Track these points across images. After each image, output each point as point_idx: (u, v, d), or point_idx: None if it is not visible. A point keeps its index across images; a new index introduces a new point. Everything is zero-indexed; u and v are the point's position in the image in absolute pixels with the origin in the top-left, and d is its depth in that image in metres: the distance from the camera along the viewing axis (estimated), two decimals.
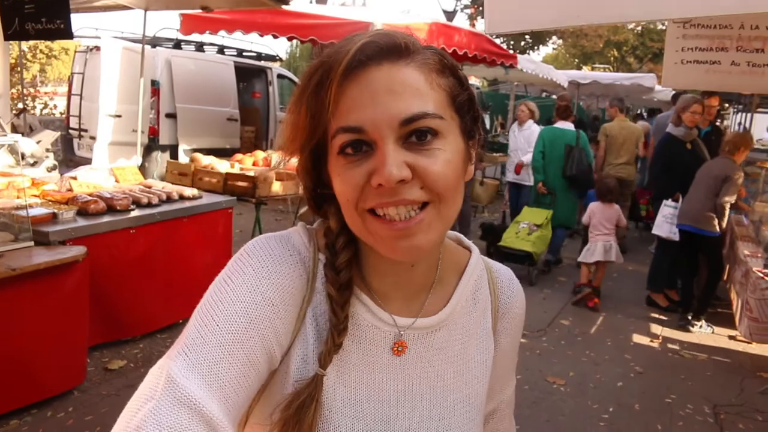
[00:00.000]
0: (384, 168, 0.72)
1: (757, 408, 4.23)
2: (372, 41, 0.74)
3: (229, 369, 0.74)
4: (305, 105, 0.76)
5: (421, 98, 0.74)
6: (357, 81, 0.73)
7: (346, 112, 0.74)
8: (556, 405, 4.08)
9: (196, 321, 0.78)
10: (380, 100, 0.73)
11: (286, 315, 0.80)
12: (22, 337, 3.33)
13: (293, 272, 0.82)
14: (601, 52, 29.69)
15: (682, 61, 5.76)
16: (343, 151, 0.75)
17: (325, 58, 0.76)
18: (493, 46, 9.18)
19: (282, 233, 0.86)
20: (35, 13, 4.77)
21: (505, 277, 1.02)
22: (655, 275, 6.34)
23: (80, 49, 9.67)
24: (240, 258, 0.82)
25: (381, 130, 0.73)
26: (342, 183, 0.77)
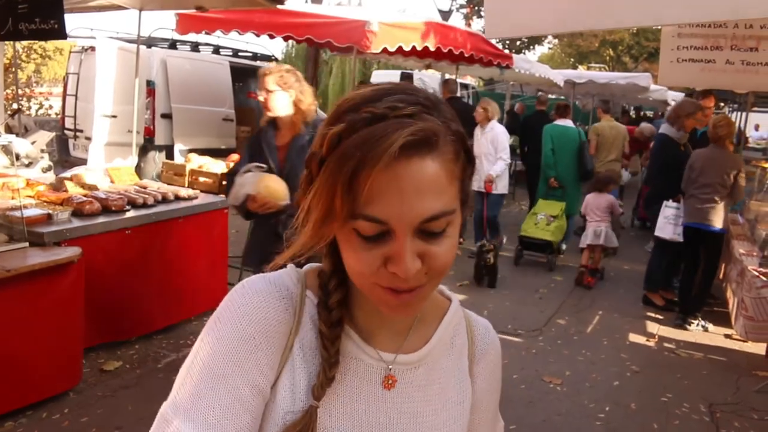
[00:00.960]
0: (403, 263, 0.75)
1: (753, 406, 4.24)
2: (410, 140, 0.73)
3: (213, 404, 0.80)
4: (340, 194, 0.75)
5: (442, 196, 0.77)
6: (389, 177, 0.74)
7: (371, 202, 0.74)
8: (552, 404, 4.09)
9: (190, 357, 0.85)
10: (407, 198, 0.74)
11: (268, 347, 0.84)
12: (17, 339, 3.32)
13: (276, 306, 0.86)
14: (597, 51, 29.75)
15: (678, 59, 5.77)
16: (359, 233, 0.77)
17: (361, 143, 0.74)
18: (488, 45, 9.18)
19: (272, 273, 0.91)
20: (29, 13, 4.75)
21: (482, 326, 1.07)
22: (653, 275, 6.35)
23: (75, 50, 9.64)
24: (228, 297, 0.88)
25: (403, 226, 0.75)
26: (356, 260, 0.79)
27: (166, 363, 4.20)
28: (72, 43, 10.04)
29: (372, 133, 0.74)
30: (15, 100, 9.14)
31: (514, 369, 4.54)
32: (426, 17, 8.24)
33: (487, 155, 7.25)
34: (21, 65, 11.90)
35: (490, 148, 7.26)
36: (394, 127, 0.74)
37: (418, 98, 0.79)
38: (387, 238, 0.76)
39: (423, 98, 0.80)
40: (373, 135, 0.74)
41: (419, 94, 0.80)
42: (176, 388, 0.84)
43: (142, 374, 4.04)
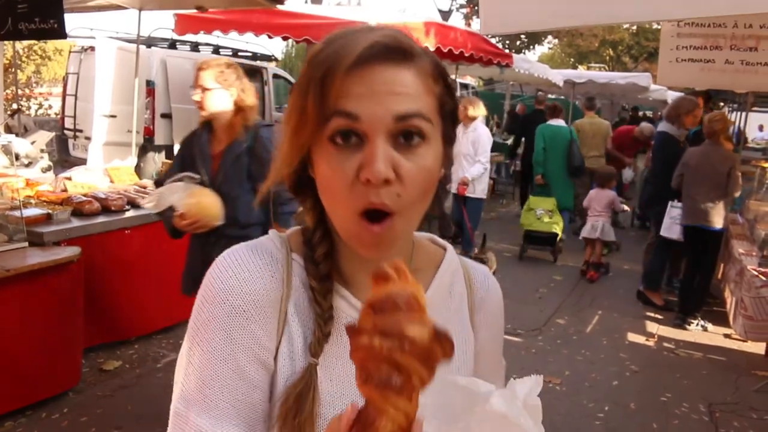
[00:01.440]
0: (374, 164, 0.74)
1: (752, 406, 4.24)
2: (380, 42, 0.76)
3: (220, 388, 0.80)
4: (312, 94, 0.77)
5: (417, 100, 0.77)
6: (361, 77, 0.75)
7: (344, 99, 0.75)
8: (551, 404, 4.08)
9: (186, 345, 0.83)
10: (379, 97, 0.75)
11: (262, 318, 0.82)
12: (16, 338, 3.32)
13: (263, 274, 0.84)
14: (597, 51, 29.73)
15: (677, 59, 5.77)
16: (333, 139, 0.76)
17: (333, 51, 0.77)
18: (488, 45, 9.18)
19: (252, 242, 0.88)
20: (28, 13, 4.75)
21: (480, 274, 1.05)
22: (653, 274, 6.34)
23: (75, 50, 9.65)
24: (211, 272, 0.84)
25: (375, 123, 0.75)
26: (330, 170, 0.77)
27: (166, 363, 4.20)
28: (72, 43, 10.05)
29: (347, 40, 0.77)
30: (15, 100, 9.14)
31: (513, 369, 4.50)
32: (426, 17, 8.24)
33: (466, 156, 6.81)
34: (21, 65, 11.90)
35: (470, 149, 6.79)
36: (362, 38, 0.77)
37: (400, 31, 0.82)
38: (360, 146, 0.76)
39: (404, 34, 0.82)
40: (348, 41, 0.77)
41: (403, 32, 0.82)
42: (181, 380, 0.83)
43: (141, 374, 4.04)
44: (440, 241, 1.01)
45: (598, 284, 6.99)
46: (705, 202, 5.43)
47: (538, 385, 0.81)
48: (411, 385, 0.64)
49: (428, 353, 0.64)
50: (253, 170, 2.91)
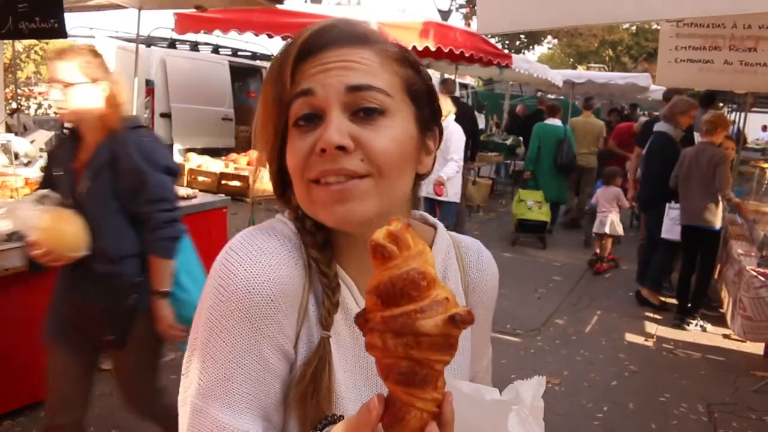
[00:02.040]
0: (326, 132, 0.74)
1: (751, 406, 4.24)
2: (333, 25, 0.79)
3: (243, 380, 0.77)
4: (270, 88, 0.79)
5: (372, 75, 0.77)
6: (316, 59, 0.77)
7: (301, 82, 0.77)
8: (550, 404, 4.07)
9: (203, 338, 0.79)
10: (332, 71, 0.76)
11: (287, 307, 0.80)
12: (15, 338, 3.32)
13: (288, 261, 0.81)
14: (596, 51, 29.73)
15: (676, 60, 5.77)
16: (297, 124, 0.78)
17: (288, 43, 0.80)
18: (488, 45, 9.18)
19: (265, 224, 0.86)
20: (29, 12, 4.74)
21: (473, 251, 1.02)
22: (652, 274, 6.32)
23: None
24: (228, 259, 0.80)
25: (329, 96, 0.76)
26: (292, 152, 0.79)
27: (165, 362, 4.18)
28: (71, 43, 10.03)
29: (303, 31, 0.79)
30: (14, 99, 9.13)
31: (512, 369, 4.54)
32: (425, 17, 8.24)
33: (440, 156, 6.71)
34: (20, 65, 11.89)
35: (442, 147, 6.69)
36: (316, 24, 0.80)
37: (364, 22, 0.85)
38: (320, 121, 0.77)
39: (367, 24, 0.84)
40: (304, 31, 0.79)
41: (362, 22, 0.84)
42: (197, 375, 0.78)
43: None
44: (431, 220, 1.00)
45: (597, 284, 6.99)
46: (698, 202, 5.45)
47: (541, 386, 0.82)
48: (435, 373, 0.64)
49: (446, 338, 0.63)
50: (118, 186, 2.30)
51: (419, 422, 0.64)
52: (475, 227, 9.31)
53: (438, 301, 0.63)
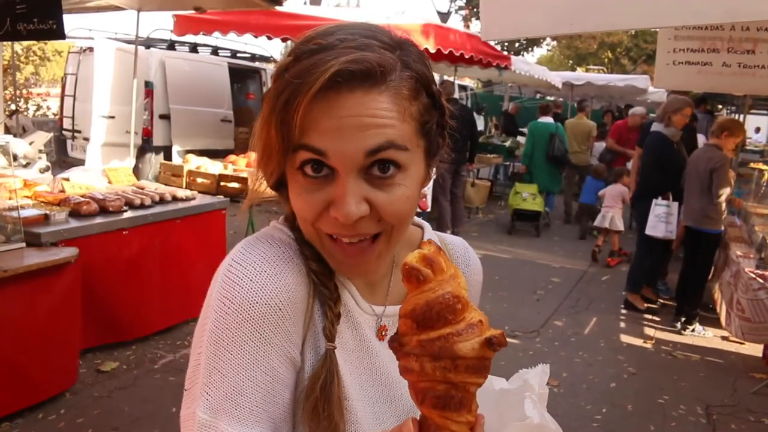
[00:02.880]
0: (344, 205, 0.72)
1: (750, 408, 4.24)
2: (347, 69, 0.69)
3: (253, 393, 0.75)
4: (275, 125, 0.73)
5: (389, 129, 0.72)
6: (327, 104, 0.71)
7: (309, 131, 0.72)
8: (549, 406, 4.04)
9: (208, 352, 0.77)
10: (347, 131, 0.70)
11: (294, 315, 0.79)
12: (14, 340, 3.31)
13: (292, 268, 0.80)
14: (595, 53, 29.77)
15: (674, 62, 5.77)
16: (303, 169, 0.74)
17: (295, 78, 0.71)
18: (487, 47, 9.19)
19: (263, 233, 0.84)
20: (27, 14, 4.74)
21: (461, 249, 1.04)
22: (635, 276, 6.29)
23: (73, 50, 9.65)
24: (231, 271, 0.78)
25: (344, 161, 0.71)
26: (300, 202, 0.76)
27: (163, 364, 4.19)
28: (70, 44, 10.05)
29: (311, 63, 0.71)
30: (13, 100, 9.13)
31: (510, 371, 4.49)
32: (425, 19, 8.25)
33: None
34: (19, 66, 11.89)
35: None
36: (335, 56, 0.70)
37: (376, 33, 0.76)
38: (331, 179, 0.73)
39: (382, 34, 0.76)
40: (312, 64, 0.71)
41: (379, 31, 0.77)
42: (203, 389, 0.76)
43: (138, 375, 4.04)
44: (416, 220, 0.99)
45: (595, 286, 6.99)
46: (696, 204, 5.45)
47: (545, 374, 0.86)
48: (469, 396, 0.65)
49: (481, 360, 0.64)
50: None
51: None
52: (473, 229, 9.32)
53: (473, 324, 0.65)
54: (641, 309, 6.13)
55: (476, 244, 8.43)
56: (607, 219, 7.91)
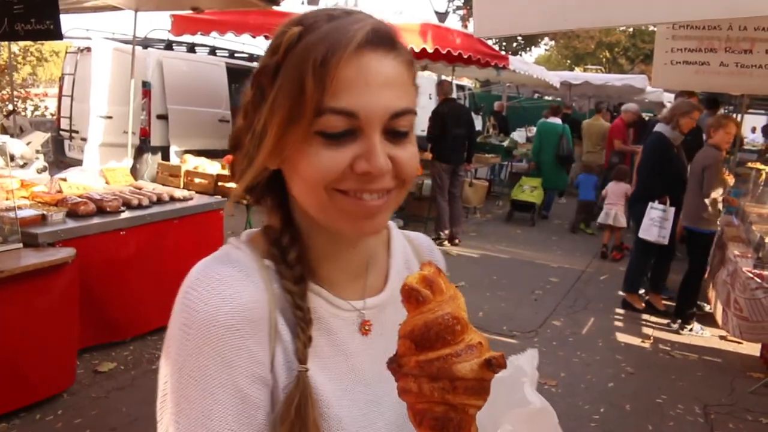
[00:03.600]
0: (375, 159, 0.74)
1: (748, 408, 4.24)
2: (375, 29, 0.75)
3: (223, 417, 0.73)
4: (311, 83, 0.73)
5: (406, 94, 0.78)
6: (355, 63, 0.73)
7: (339, 93, 0.73)
8: None
9: (174, 380, 0.75)
10: (375, 89, 0.74)
11: (256, 333, 0.77)
12: (11, 340, 3.31)
13: (248, 287, 0.78)
14: (593, 53, 29.79)
15: (672, 61, 5.77)
16: (324, 133, 0.75)
17: (327, 36, 0.74)
18: (485, 47, 9.20)
19: (218, 253, 0.84)
20: (24, 14, 4.74)
21: (426, 245, 1.08)
22: (632, 276, 6.29)
23: (71, 50, 9.64)
24: (188, 296, 0.77)
25: (372, 120, 0.74)
26: (317, 163, 0.76)
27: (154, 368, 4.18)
28: (68, 44, 10.03)
29: (337, 26, 0.75)
30: (11, 100, 9.12)
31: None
32: (423, 19, 8.26)
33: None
34: (17, 66, 11.87)
35: None
36: (359, 19, 0.76)
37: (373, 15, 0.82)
38: (354, 137, 0.75)
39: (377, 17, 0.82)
40: (339, 27, 0.74)
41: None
42: (173, 418, 0.75)
43: (136, 375, 4.03)
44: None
45: (593, 286, 7.00)
46: (691, 203, 5.47)
47: (535, 359, 0.86)
48: (468, 418, 0.65)
49: (481, 382, 0.64)
50: None
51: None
52: (471, 229, 9.32)
53: (472, 345, 0.64)
54: (639, 309, 6.13)
55: (474, 244, 8.44)
56: (610, 216, 8.16)
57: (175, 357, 0.76)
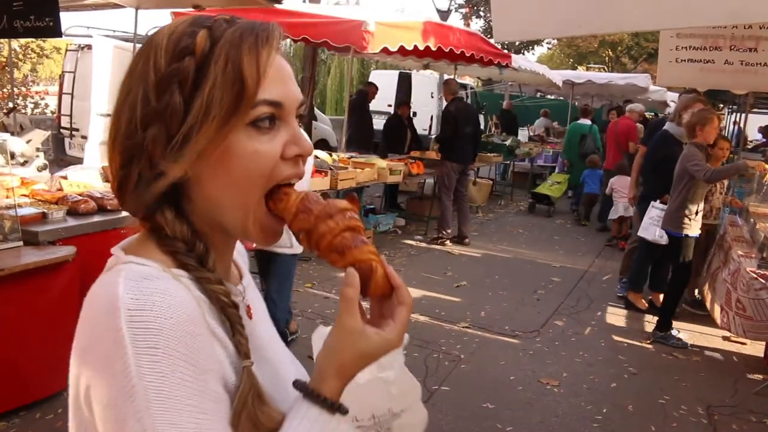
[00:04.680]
0: (303, 141, 0.84)
1: (751, 409, 4.22)
2: (282, 33, 0.84)
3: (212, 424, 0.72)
4: (249, 72, 0.77)
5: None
6: (277, 60, 0.82)
7: (268, 86, 0.79)
8: (549, 406, 4.07)
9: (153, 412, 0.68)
10: (290, 82, 0.84)
11: (206, 333, 0.76)
12: (11, 339, 3.30)
13: (179, 291, 0.75)
14: (596, 52, 29.79)
15: (677, 59, 5.75)
16: (256, 124, 0.79)
17: (249, 27, 0.82)
18: (487, 45, 9.18)
19: (130, 273, 0.76)
20: (24, 11, 4.73)
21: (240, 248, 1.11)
22: (634, 275, 6.24)
23: (71, 48, 9.63)
24: (135, 317, 0.70)
25: (290, 110, 0.83)
26: (255, 154, 0.79)
27: None
28: (68, 42, 10.02)
29: (252, 23, 0.83)
30: (11, 98, 9.11)
31: (511, 370, 4.52)
32: (425, 17, 8.23)
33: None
34: (17, 64, 11.85)
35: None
36: (263, 23, 0.84)
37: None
38: (277, 127, 0.82)
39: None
40: (255, 23, 0.83)
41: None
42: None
43: None
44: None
45: (596, 286, 6.97)
46: (670, 205, 5.34)
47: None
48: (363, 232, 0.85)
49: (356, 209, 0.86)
50: None
51: (382, 268, 0.83)
52: (474, 228, 9.29)
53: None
54: (642, 309, 6.09)
55: (476, 243, 8.43)
56: (619, 209, 8.69)
57: (147, 386, 0.68)
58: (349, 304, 0.80)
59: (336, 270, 1.02)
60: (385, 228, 8.53)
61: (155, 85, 0.77)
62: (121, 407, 0.68)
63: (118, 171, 0.82)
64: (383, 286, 0.83)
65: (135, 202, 0.84)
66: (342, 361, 0.80)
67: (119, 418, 0.68)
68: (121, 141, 0.79)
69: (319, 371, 0.82)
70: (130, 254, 0.82)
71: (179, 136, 0.76)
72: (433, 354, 4.64)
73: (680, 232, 5.25)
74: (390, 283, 0.84)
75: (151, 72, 0.77)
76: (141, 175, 0.80)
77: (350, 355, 0.80)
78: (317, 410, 0.79)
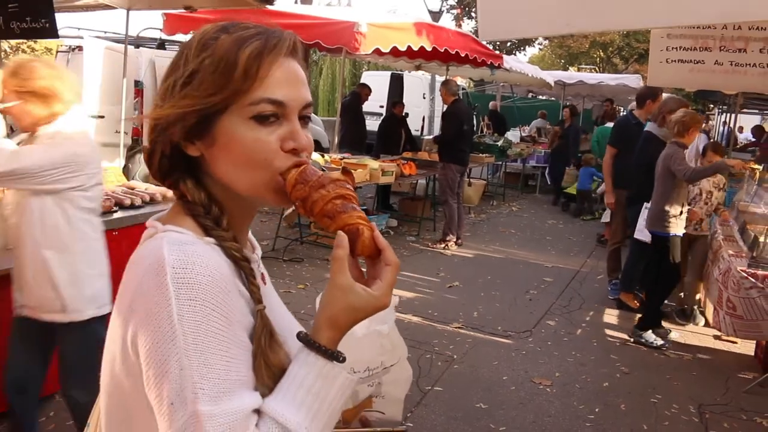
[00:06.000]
0: (300, 137, 0.94)
1: (742, 407, 4.25)
2: (295, 40, 0.95)
3: (239, 367, 0.85)
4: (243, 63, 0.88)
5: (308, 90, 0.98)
6: (285, 65, 0.93)
7: (273, 86, 0.91)
8: (542, 406, 4.08)
9: (190, 353, 0.82)
10: (296, 85, 0.94)
11: (235, 289, 0.90)
12: (3, 340, 3.27)
13: (219, 256, 0.91)
14: (587, 52, 29.86)
15: (667, 60, 5.78)
16: (258, 118, 0.91)
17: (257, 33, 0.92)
18: (479, 45, 9.20)
19: (172, 239, 0.90)
20: (19, 12, 4.71)
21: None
22: (628, 277, 6.25)
23: (62, 49, 9.58)
24: (179, 274, 0.84)
25: (294, 109, 0.93)
26: (255, 143, 0.91)
27: None
28: (59, 43, 9.97)
29: (265, 29, 0.93)
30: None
31: (503, 370, 4.53)
32: (417, 18, 8.24)
33: None
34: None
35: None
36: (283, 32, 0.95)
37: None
38: (279, 121, 0.92)
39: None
40: (267, 30, 0.93)
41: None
42: (195, 387, 0.81)
43: None
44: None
45: (588, 286, 6.99)
46: (652, 205, 5.34)
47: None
48: (356, 201, 0.94)
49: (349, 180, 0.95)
50: None
51: (368, 231, 0.92)
52: (466, 229, 9.29)
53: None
54: (634, 309, 6.11)
55: (469, 243, 8.45)
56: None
57: (185, 331, 0.81)
58: (338, 263, 0.91)
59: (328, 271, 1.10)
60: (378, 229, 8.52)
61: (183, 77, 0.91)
62: (164, 348, 0.81)
63: (148, 147, 0.99)
64: (370, 246, 0.92)
65: (160, 173, 0.99)
66: (333, 312, 0.91)
67: (162, 357, 0.81)
68: (151, 123, 0.95)
69: (315, 323, 0.93)
70: (168, 224, 0.94)
71: (196, 92, 0.90)
72: (425, 354, 4.64)
73: (666, 232, 5.26)
74: (377, 245, 0.94)
75: (181, 67, 0.92)
76: (163, 152, 0.96)
77: (340, 307, 0.90)
78: (314, 356, 0.90)
